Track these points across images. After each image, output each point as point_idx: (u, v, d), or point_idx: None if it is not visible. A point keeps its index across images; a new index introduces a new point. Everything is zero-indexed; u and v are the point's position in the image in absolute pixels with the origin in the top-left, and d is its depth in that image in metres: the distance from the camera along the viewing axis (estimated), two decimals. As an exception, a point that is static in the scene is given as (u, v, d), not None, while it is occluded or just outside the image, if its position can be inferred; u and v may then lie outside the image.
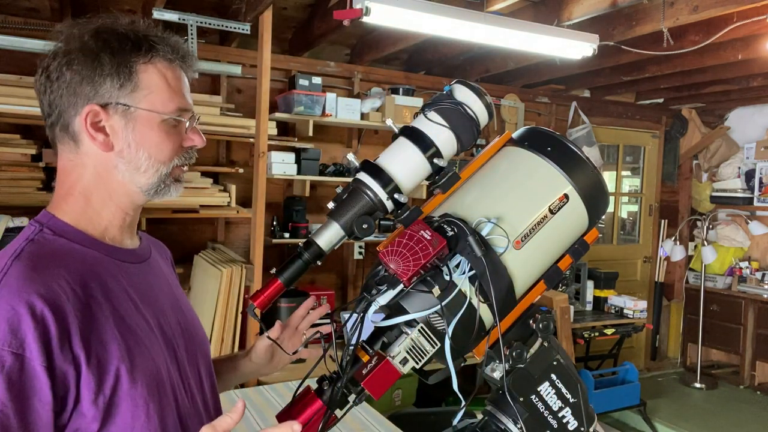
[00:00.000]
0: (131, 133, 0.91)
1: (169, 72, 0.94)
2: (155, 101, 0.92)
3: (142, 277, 0.98)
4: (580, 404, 0.99)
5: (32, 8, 3.20)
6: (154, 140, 0.92)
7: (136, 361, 0.86)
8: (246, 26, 3.11)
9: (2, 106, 2.88)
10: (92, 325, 0.83)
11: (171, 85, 0.93)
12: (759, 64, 3.90)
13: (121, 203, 0.95)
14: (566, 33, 3.02)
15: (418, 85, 4.27)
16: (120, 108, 0.90)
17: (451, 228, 0.89)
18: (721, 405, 4.95)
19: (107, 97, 0.89)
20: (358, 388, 0.87)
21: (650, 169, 5.72)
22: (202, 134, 0.99)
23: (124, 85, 0.90)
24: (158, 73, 0.92)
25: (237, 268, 3.05)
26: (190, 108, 0.97)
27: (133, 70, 0.90)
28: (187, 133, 0.97)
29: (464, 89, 0.97)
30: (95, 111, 0.89)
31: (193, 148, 0.99)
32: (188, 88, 0.98)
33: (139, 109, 0.91)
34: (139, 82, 0.91)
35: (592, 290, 4.66)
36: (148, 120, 0.91)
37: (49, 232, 0.90)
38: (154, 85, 0.92)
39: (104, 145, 0.91)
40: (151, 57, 0.92)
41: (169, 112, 0.93)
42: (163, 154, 0.93)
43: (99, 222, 0.94)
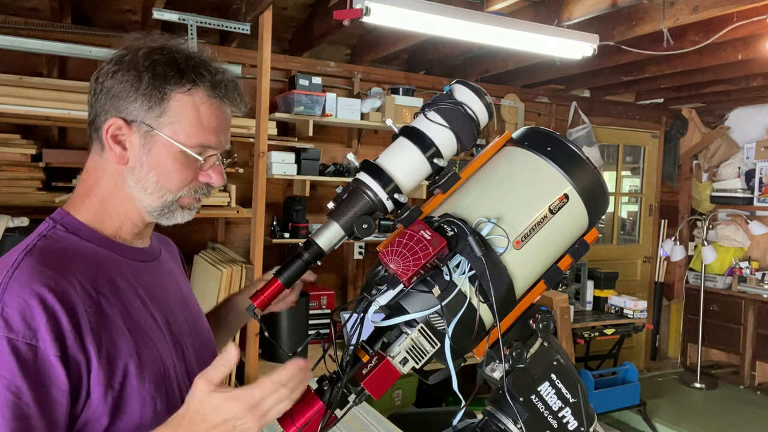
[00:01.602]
0: (146, 155, 0.93)
1: (206, 107, 0.94)
2: (179, 131, 0.93)
3: (150, 275, 1.00)
4: (580, 404, 0.99)
5: (32, 8, 3.20)
6: (166, 167, 0.93)
7: (144, 357, 0.89)
8: (246, 26, 3.11)
9: (2, 106, 2.87)
10: (102, 320, 0.86)
11: (202, 120, 0.94)
12: (759, 64, 3.90)
13: (130, 215, 0.97)
14: (566, 33, 3.02)
15: (418, 85, 4.27)
16: (144, 128, 0.92)
17: (451, 228, 0.89)
18: (721, 405, 4.95)
19: (134, 115, 0.92)
20: (358, 388, 0.87)
21: (650, 169, 5.72)
22: (224, 174, 0.99)
23: (153, 108, 0.91)
24: (192, 106, 0.93)
25: (237, 268, 3.05)
26: (217, 147, 0.97)
27: (166, 97, 0.92)
28: (206, 169, 0.97)
29: (464, 89, 0.97)
30: (118, 125, 0.92)
31: (210, 185, 0.99)
32: (226, 126, 0.98)
33: (160, 134, 0.92)
34: (169, 109, 0.92)
35: (592, 290, 4.66)
36: (166, 146, 0.93)
37: (62, 229, 0.93)
38: (183, 116, 0.93)
39: (119, 158, 0.93)
40: (189, 89, 0.93)
41: (189, 145, 0.93)
42: (171, 183, 0.94)
43: (111, 224, 0.97)
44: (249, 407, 0.80)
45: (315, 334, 1.02)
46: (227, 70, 0.99)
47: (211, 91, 0.95)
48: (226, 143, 0.99)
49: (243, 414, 0.80)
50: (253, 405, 0.80)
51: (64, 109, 2.96)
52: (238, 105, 1.00)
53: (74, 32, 3.22)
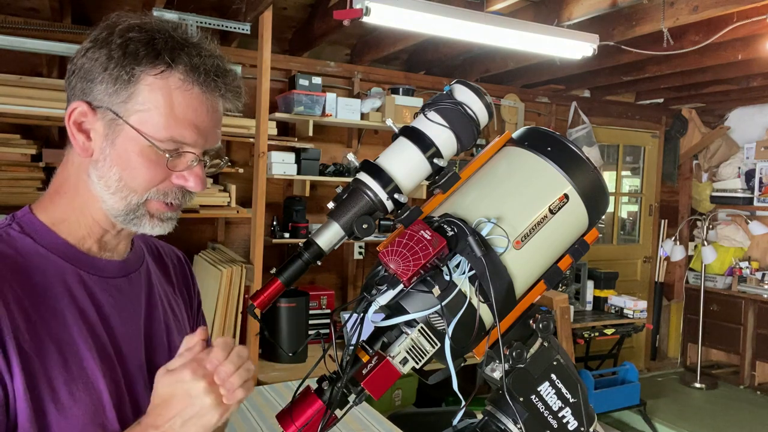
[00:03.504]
0: (110, 146, 0.80)
1: (181, 94, 0.79)
2: (147, 121, 0.78)
3: (112, 294, 0.86)
4: (580, 404, 0.99)
5: (32, 8, 3.20)
6: (130, 162, 0.79)
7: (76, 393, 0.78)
8: (246, 26, 3.11)
9: (2, 106, 2.88)
10: (33, 343, 0.75)
11: (175, 110, 0.79)
12: (759, 64, 3.90)
13: (97, 218, 0.84)
14: (566, 33, 3.02)
15: (418, 85, 4.27)
16: (109, 114, 0.79)
17: (451, 228, 0.89)
18: (721, 405, 4.95)
19: (100, 99, 0.79)
20: (358, 388, 0.87)
21: (650, 169, 5.72)
22: (204, 178, 0.84)
23: (119, 91, 0.78)
24: (164, 92, 0.79)
25: (237, 268, 3.05)
26: (195, 144, 0.81)
27: (134, 79, 0.78)
28: (181, 170, 0.82)
29: (464, 89, 0.97)
30: (82, 110, 0.80)
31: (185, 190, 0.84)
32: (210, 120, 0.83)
33: (125, 123, 0.79)
34: (136, 93, 0.78)
35: (592, 290, 4.66)
36: (132, 139, 0.79)
37: (17, 229, 0.81)
38: (153, 103, 0.78)
39: (82, 149, 0.81)
40: (162, 71, 0.78)
41: (157, 139, 0.79)
42: (135, 182, 0.80)
43: (76, 229, 0.84)
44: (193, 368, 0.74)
45: (315, 334, 1.01)
46: (220, 56, 0.84)
47: (189, 75, 0.79)
48: (211, 142, 0.84)
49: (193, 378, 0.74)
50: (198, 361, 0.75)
51: (64, 109, 2.95)
52: (227, 95, 0.84)
53: (74, 32, 3.22)
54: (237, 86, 0.86)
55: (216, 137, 0.85)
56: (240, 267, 3.07)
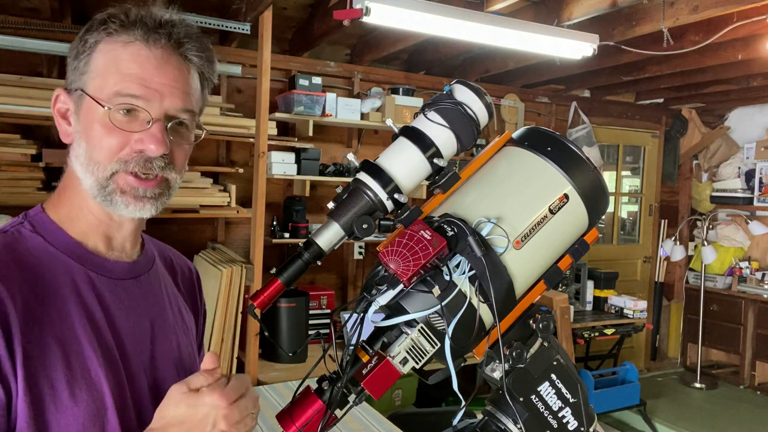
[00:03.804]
0: (77, 123, 0.79)
1: (125, 50, 0.77)
2: (98, 86, 0.77)
3: (120, 296, 0.85)
4: (580, 404, 0.99)
5: (32, 8, 3.20)
6: (93, 133, 0.77)
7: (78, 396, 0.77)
8: (246, 26, 3.11)
9: (2, 106, 2.88)
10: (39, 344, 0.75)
11: (120, 66, 0.76)
12: (759, 64, 3.90)
13: (91, 208, 0.82)
14: (566, 33, 3.02)
15: (418, 85, 4.27)
16: (77, 93, 0.79)
17: (451, 228, 0.89)
18: (721, 405, 4.95)
19: (70, 80, 0.80)
20: (358, 388, 0.87)
21: (650, 169, 5.72)
22: (164, 140, 0.78)
23: (79, 66, 0.78)
24: (111, 53, 0.77)
25: (237, 268, 3.05)
26: (146, 98, 0.77)
27: (88, 48, 0.78)
28: (136, 131, 0.78)
29: (464, 89, 0.97)
30: (60, 96, 0.80)
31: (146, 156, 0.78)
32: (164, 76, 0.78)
33: (84, 94, 0.78)
34: (91, 61, 0.78)
35: (592, 290, 4.66)
36: (90, 108, 0.77)
37: (29, 227, 0.81)
38: (103, 66, 0.77)
39: (65, 134, 0.81)
40: (111, 33, 0.77)
41: (104, 98, 0.76)
42: (96, 151, 0.77)
43: (80, 225, 0.84)
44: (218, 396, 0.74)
45: (315, 334, 1.01)
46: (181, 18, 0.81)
47: (131, 28, 0.77)
48: (171, 101, 0.78)
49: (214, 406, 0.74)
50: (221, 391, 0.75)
51: (64, 109, 2.95)
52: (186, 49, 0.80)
53: (74, 32, 3.21)
54: (189, 35, 0.81)
55: (179, 97, 0.80)
56: (240, 267, 3.07)
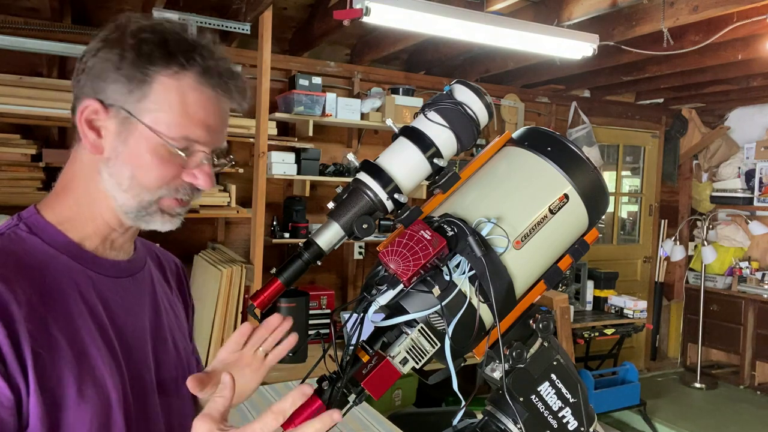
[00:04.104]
0: (122, 144, 0.81)
1: (195, 94, 0.82)
2: (160, 120, 0.80)
3: (119, 294, 0.87)
4: (580, 404, 0.99)
5: (32, 8, 3.20)
6: (144, 161, 0.81)
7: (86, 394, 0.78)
8: (246, 26, 3.11)
9: (2, 106, 2.88)
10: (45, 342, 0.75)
11: (188, 109, 0.81)
12: (759, 64, 3.90)
13: (106, 216, 0.85)
14: (566, 33, 3.02)
15: (418, 85, 4.27)
16: (122, 113, 0.80)
17: (451, 228, 0.89)
18: (721, 405, 4.95)
19: (113, 98, 0.81)
20: (358, 388, 0.87)
21: (650, 169, 5.72)
22: (213, 177, 0.86)
23: (133, 91, 0.80)
24: (178, 92, 0.81)
25: (237, 268, 3.05)
26: (206, 143, 0.84)
27: (149, 79, 0.80)
28: (191, 168, 0.84)
29: (464, 89, 0.97)
30: (94, 108, 0.81)
31: (194, 188, 0.86)
32: (219, 120, 0.85)
33: (139, 122, 0.80)
34: (150, 93, 0.80)
35: (592, 290, 4.66)
36: (144, 137, 0.81)
37: (25, 229, 0.82)
38: (167, 103, 0.80)
39: (93, 146, 0.82)
40: (176, 72, 0.80)
41: (171, 137, 0.81)
42: (148, 180, 0.82)
43: (83, 228, 0.85)
44: None
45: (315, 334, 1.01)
46: (227, 59, 0.86)
47: (202, 76, 0.82)
48: (219, 141, 0.86)
49: None
50: None
51: (64, 109, 2.96)
52: (235, 97, 0.86)
53: (74, 32, 3.22)
54: (244, 88, 0.88)
55: (223, 137, 0.87)
56: (240, 267, 3.07)
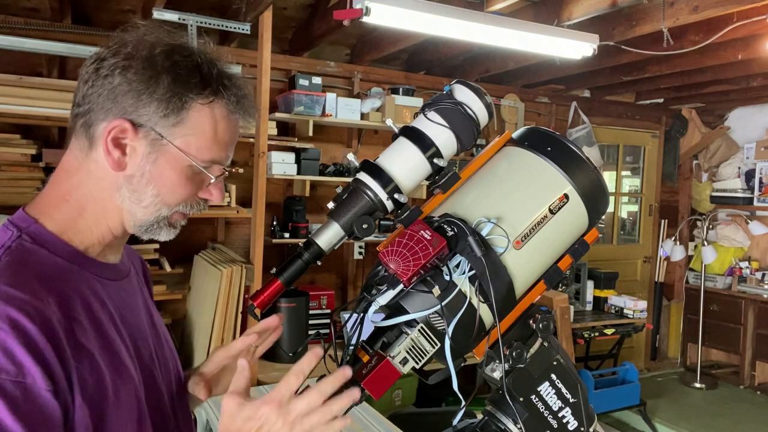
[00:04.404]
0: (150, 164, 0.83)
1: (224, 122, 0.86)
2: (192, 144, 0.84)
3: (122, 296, 0.90)
4: (580, 404, 0.99)
5: (32, 8, 3.20)
6: (170, 180, 0.85)
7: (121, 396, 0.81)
8: (246, 26, 3.11)
9: (2, 106, 2.87)
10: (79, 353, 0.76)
11: (218, 135, 0.86)
12: (759, 64, 3.90)
13: (113, 225, 0.87)
14: (566, 33, 3.02)
15: (418, 85, 4.27)
16: (152, 135, 0.83)
17: (451, 228, 0.89)
18: (721, 405, 4.95)
19: (145, 120, 0.82)
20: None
21: (650, 169, 5.72)
22: (223, 190, 0.93)
23: (169, 115, 0.82)
24: (211, 119, 0.85)
25: (237, 268, 3.05)
26: (225, 164, 0.90)
27: (186, 106, 0.83)
28: (207, 185, 0.90)
29: (464, 89, 0.97)
30: (123, 127, 0.82)
31: (207, 201, 0.92)
32: (235, 142, 0.92)
33: (171, 144, 0.83)
34: (187, 119, 0.83)
35: (592, 290, 4.66)
36: (174, 158, 0.84)
37: (29, 239, 0.81)
38: (201, 128, 0.84)
39: (117, 163, 0.83)
40: (212, 101, 0.85)
41: (201, 160, 0.85)
42: (172, 198, 0.86)
43: (87, 236, 0.86)
44: (278, 406, 0.78)
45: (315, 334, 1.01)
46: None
47: (234, 106, 0.87)
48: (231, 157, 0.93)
49: (274, 417, 0.78)
50: (282, 403, 0.79)
51: (64, 109, 2.96)
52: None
53: (74, 32, 3.22)
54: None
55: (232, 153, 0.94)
56: (240, 267, 3.07)
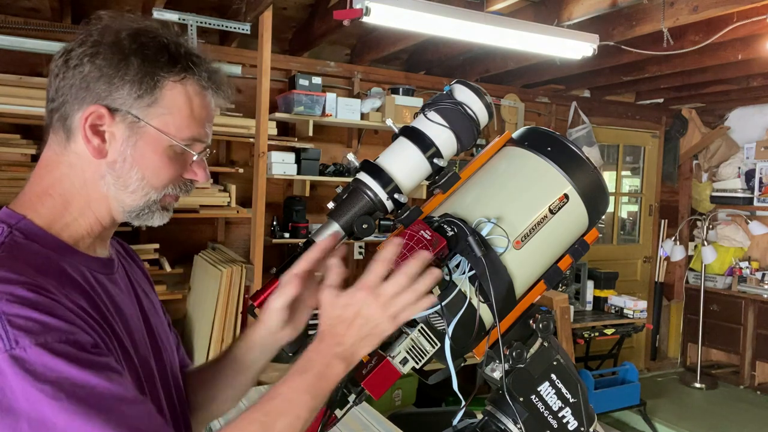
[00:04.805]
0: (130, 148, 0.83)
1: (198, 98, 0.86)
2: (169, 123, 0.84)
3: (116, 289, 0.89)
4: (580, 404, 0.99)
5: (32, 8, 3.20)
6: (153, 162, 0.84)
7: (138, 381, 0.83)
8: (246, 26, 3.11)
9: (2, 106, 2.88)
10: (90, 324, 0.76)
11: (194, 112, 0.86)
12: (759, 64, 3.90)
13: (100, 215, 0.86)
14: (566, 33, 3.02)
15: (418, 85, 4.27)
16: (129, 118, 0.82)
17: (451, 228, 0.89)
18: (721, 405, 4.95)
19: (119, 103, 0.82)
20: (358, 388, 0.87)
21: (650, 169, 5.72)
22: (208, 169, 0.92)
23: (143, 96, 0.82)
24: (185, 96, 0.85)
25: (237, 268, 3.05)
26: (206, 141, 0.89)
27: (159, 85, 0.83)
28: (191, 165, 0.89)
29: (464, 89, 0.97)
30: (100, 113, 0.81)
31: (194, 182, 0.91)
32: (212, 120, 0.91)
33: (149, 126, 0.83)
34: (161, 98, 0.83)
35: (592, 290, 4.66)
36: (154, 140, 0.84)
37: (20, 235, 0.80)
38: (176, 106, 0.84)
39: (97, 151, 0.82)
40: (183, 77, 0.84)
41: (181, 138, 0.85)
42: (158, 180, 0.86)
43: (76, 229, 0.85)
44: (371, 291, 0.83)
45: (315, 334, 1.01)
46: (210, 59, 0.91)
47: (206, 81, 0.87)
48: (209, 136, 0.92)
49: (368, 300, 0.83)
50: (373, 287, 0.83)
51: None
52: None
53: (74, 32, 3.20)
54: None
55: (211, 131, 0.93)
56: (240, 267, 3.07)
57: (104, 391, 0.70)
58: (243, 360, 1.01)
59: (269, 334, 0.97)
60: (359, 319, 0.83)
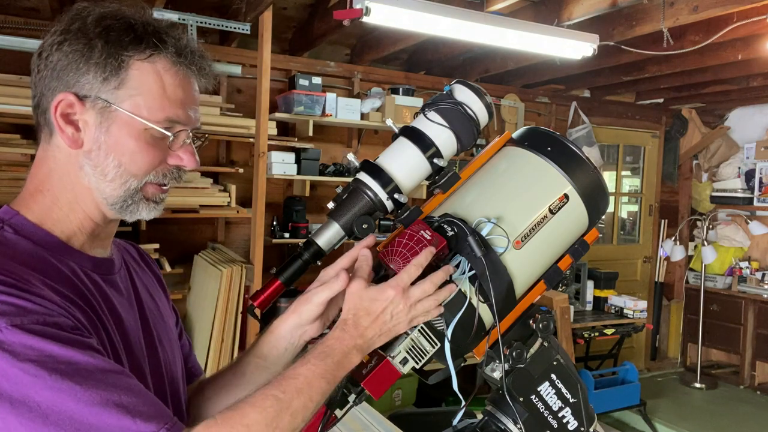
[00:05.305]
0: (103, 134, 0.80)
1: (170, 76, 0.82)
2: (141, 105, 0.80)
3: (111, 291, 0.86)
4: (580, 404, 0.99)
5: (32, 8, 3.20)
6: (128, 148, 0.80)
7: None
8: (246, 26, 3.11)
9: (2, 106, 2.87)
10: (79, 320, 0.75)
11: (167, 91, 0.81)
12: (759, 64, 3.90)
13: (89, 211, 0.84)
14: (566, 33, 3.02)
15: (418, 85, 4.27)
16: (99, 103, 0.79)
17: (451, 228, 0.89)
18: (721, 405, 4.95)
19: (87, 89, 0.79)
20: (358, 388, 0.87)
21: (650, 169, 5.72)
22: (197, 155, 0.87)
23: (109, 78, 0.79)
24: (154, 75, 0.81)
25: (237, 268, 3.05)
26: (187, 122, 0.84)
27: (124, 65, 0.79)
28: (175, 150, 0.84)
29: (464, 89, 0.97)
30: (69, 101, 0.79)
31: (181, 169, 0.86)
32: (194, 99, 0.86)
33: (119, 110, 0.79)
34: (128, 79, 0.80)
35: (592, 290, 4.66)
36: (127, 124, 0.80)
37: (10, 230, 0.79)
38: (145, 86, 0.80)
39: (72, 140, 0.80)
40: (150, 55, 0.80)
41: (155, 121, 0.81)
42: (135, 166, 0.81)
43: (67, 225, 0.83)
44: (402, 291, 0.85)
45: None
46: (191, 38, 0.87)
47: (176, 57, 0.82)
48: (196, 120, 0.86)
49: (396, 299, 0.85)
50: (404, 289, 0.86)
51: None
52: (206, 75, 0.87)
53: (74, 32, 3.22)
54: (210, 65, 0.89)
55: (199, 115, 0.88)
56: (240, 267, 3.07)
57: (88, 366, 0.69)
58: (268, 355, 0.97)
59: (298, 326, 0.95)
60: (384, 315, 0.85)
